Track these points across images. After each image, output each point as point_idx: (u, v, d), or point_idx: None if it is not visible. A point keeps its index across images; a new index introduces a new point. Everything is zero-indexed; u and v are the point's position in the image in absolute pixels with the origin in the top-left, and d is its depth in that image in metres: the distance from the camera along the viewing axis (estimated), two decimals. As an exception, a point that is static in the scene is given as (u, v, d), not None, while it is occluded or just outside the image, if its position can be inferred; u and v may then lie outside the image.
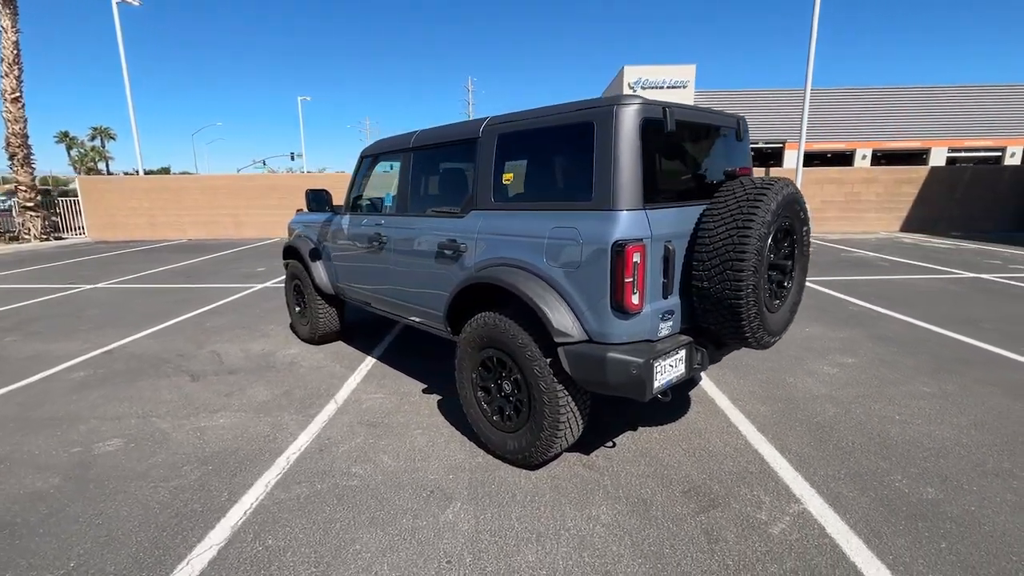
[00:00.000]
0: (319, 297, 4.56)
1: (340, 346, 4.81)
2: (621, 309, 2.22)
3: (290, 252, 4.95)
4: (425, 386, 3.83)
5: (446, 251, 3.01)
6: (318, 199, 4.17)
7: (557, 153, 2.60)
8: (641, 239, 2.20)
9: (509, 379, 2.68)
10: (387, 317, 3.94)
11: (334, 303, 4.65)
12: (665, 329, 2.40)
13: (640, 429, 3.11)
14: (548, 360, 2.42)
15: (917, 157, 27.62)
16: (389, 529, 2.25)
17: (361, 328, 5.32)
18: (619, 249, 2.16)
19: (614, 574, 1.97)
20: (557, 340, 2.33)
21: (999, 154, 27.60)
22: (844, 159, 27.74)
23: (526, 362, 2.47)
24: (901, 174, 13.92)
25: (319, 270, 4.48)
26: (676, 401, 3.43)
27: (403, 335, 5.13)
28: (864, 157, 27.55)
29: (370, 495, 2.50)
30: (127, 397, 3.72)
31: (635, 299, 2.20)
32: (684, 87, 28.05)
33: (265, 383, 3.94)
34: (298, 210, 5.35)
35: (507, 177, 2.75)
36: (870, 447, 2.86)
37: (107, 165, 53.65)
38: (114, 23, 14.75)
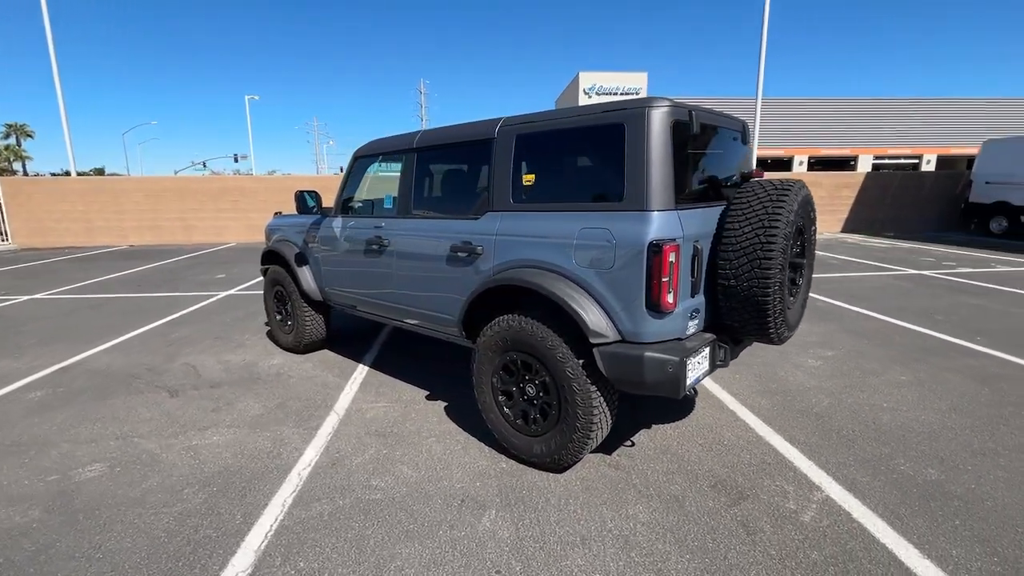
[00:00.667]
0: (305, 304, 4.35)
1: (327, 354, 4.61)
2: (656, 308, 2.25)
3: (271, 257, 4.70)
4: (427, 393, 3.73)
5: (459, 253, 2.95)
6: (308, 201, 3.98)
7: (583, 154, 2.61)
8: (675, 239, 2.23)
9: (533, 382, 2.65)
10: (380, 322, 3.82)
11: (321, 309, 4.45)
12: (692, 327, 2.45)
13: (654, 427, 3.15)
14: (580, 361, 2.41)
15: (846, 164, 29.78)
16: (427, 542, 2.16)
17: (346, 335, 5.12)
18: (656, 249, 2.18)
19: (666, 572, 1.98)
20: (593, 341, 2.33)
21: (916, 161, 30.21)
22: (783, 165, 29.49)
23: (557, 364, 2.45)
24: (841, 179, 14.93)
25: (306, 275, 4.28)
26: (681, 399, 3.51)
27: (391, 341, 4.98)
28: (801, 163, 29.40)
29: (398, 508, 2.40)
30: (99, 417, 3.40)
31: (670, 298, 2.23)
32: (637, 94, 28.96)
33: (254, 396, 3.71)
34: (276, 213, 5.09)
35: (528, 178, 2.72)
36: (868, 434, 3.03)
37: (24, 166, 49.15)
38: (40, 8, 13.53)
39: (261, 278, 8.42)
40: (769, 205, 2.33)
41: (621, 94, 28.80)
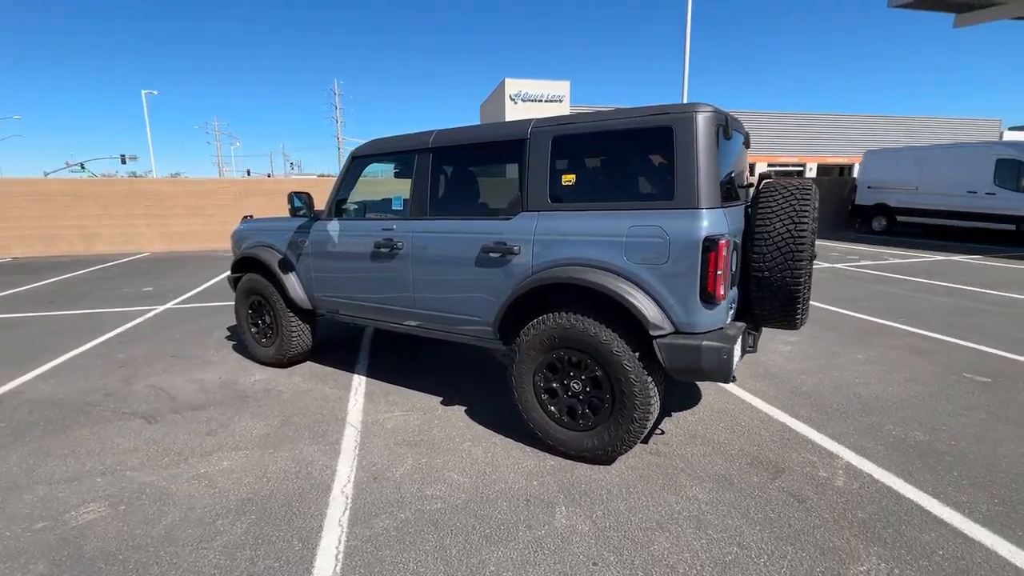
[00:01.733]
0: (292, 313, 4.07)
1: (312, 367, 4.33)
2: (710, 300, 2.40)
3: (246, 264, 4.34)
4: (441, 398, 3.64)
5: (491, 254, 2.93)
6: (303, 203, 3.73)
7: (628, 155, 2.70)
8: (724, 234, 2.40)
9: (580, 378, 2.71)
10: (380, 327, 3.67)
11: (307, 319, 4.18)
12: (729, 317, 2.64)
13: (675, 415, 3.33)
14: (636, 354, 2.51)
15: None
16: (511, 544, 2.14)
17: (325, 345, 4.83)
18: (710, 244, 2.33)
19: (745, 544, 2.12)
20: (653, 333, 2.43)
21: (801, 168, 34.08)
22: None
23: (613, 358, 2.52)
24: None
25: (293, 282, 4.00)
26: (687, 386, 3.73)
27: (377, 347, 4.78)
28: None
29: (465, 514, 2.34)
30: (67, 452, 2.95)
31: (722, 290, 2.40)
32: (560, 101, 29.92)
33: (250, 415, 3.41)
34: (245, 217, 4.69)
35: (568, 178, 2.78)
36: (854, 406, 3.42)
37: None
38: None
39: (201, 289, 7.71)
40: (796, 204, 2.57)
41: (545, 100, 29.62)
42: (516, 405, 2.91)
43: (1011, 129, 36.35)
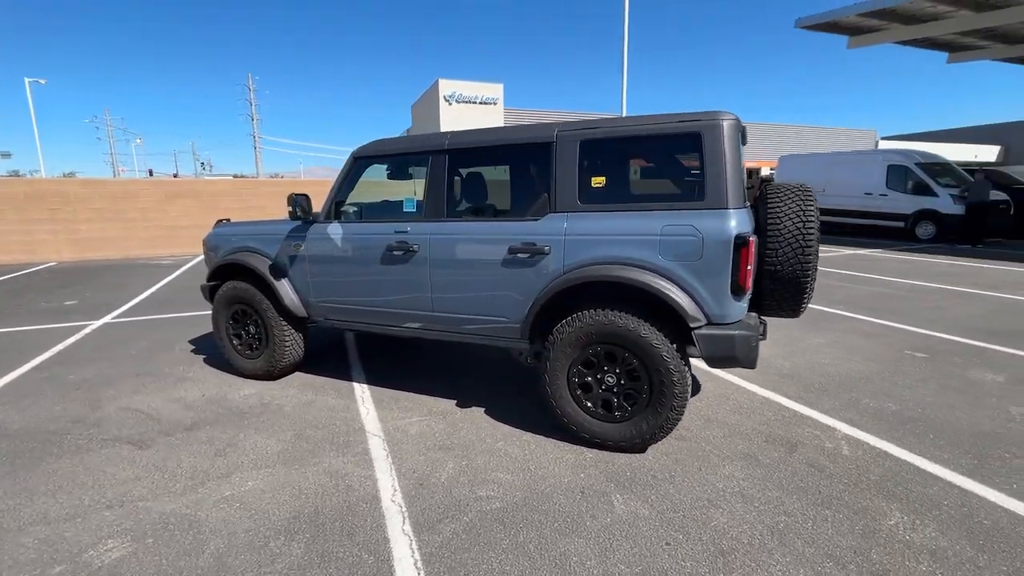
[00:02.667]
0: (284, 322, 3.85)
1: (303, 377, 4.11)
2: (739, 293, 2.62)
3: (228, 271, 4.05)
4: (455, 401, 3.62)
5: (520, 254, 2.98)
6: (302, 206, 3.54)
7: (657, 158, 2.86)
8: (750, 232, 2.62)
9: (614, 371, 2.83)
10: (386, 333, 3.59)
11: (300, 327, 3.97)
12: (747, 308, 2.88)
13: (684, 402, 3.55)
14: (674, 346, 2.67)
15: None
16: (584, 534, 2.21)
17: (307, 354, 4.59)
18: (742, 242, 2.55)
19: (790, 512, 2.34)
20: (692, 325, 2.60)
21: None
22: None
23: (653, 350, 2.66)
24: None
25: (286, 289, 3.78)
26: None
27: (366, 351, 4.63)
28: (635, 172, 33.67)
29: (528, 510, 2.38)
30: (53, 488, 2.62)
31: (750, 283, 2.62)
32: (495, 104, 30.17)
33: (255, 432, 3.20)
34: (219, 221, 4.36)
35: (598, 180, 2.89)
36: (831, 384, 3.83)
37: None
38: None
39: (138, 301, 6.99)
40: (802, 204, 2.86)
41: (480, 103, 29.74)
42: (549, 401, 2.98)
43: (883, 139, 41.57)
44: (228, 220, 4.37)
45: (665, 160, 2.87)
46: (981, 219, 11.81)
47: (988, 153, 36.91)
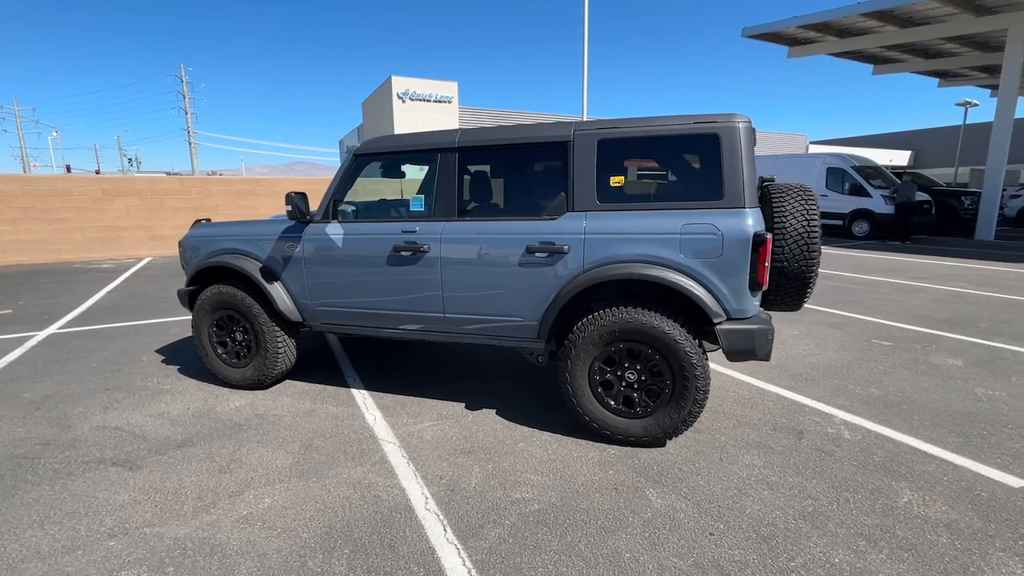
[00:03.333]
0: (277, 328, 3.64)
1: (296, 385, 3.91)
2: (756, 289, 2.72)
3: (212, 275, 3.78)
4: (463, 404, 3.56)
5: (538, 254, 2.97)
6: (301, 205, 3.35)
7: (674, 158, 2.92)
8: (766, 230, 2.74)
9: (635, 368, 2.87)
10: (389, 337, 3.48)
11: (293, 332, 3.77)
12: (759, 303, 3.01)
13: (688, 395, 3.66)
14: (696, 341, 2.74)
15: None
16: (629, 529, 2.23)
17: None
18: (760, 240, 2.65)
19: (814, 496, 2.46)
20: (715, 321, 2.68)
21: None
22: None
23: (677, 346, 2.72)
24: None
25: (280, 293, 3.58)
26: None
27: (357, 356, 4.45)
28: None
29: (567, 510, 2.37)
30: (40, 518, 2.35)
31: (767, 279, 2.73)
32: (449, 102, 29.88)
33: (258, 445, 3.00)
34: (197, 221, 4.05)
35: (616, 180, 2.92)
36: (816, 373, 4.07)
37: None
38: None
39: (85, 309, 6.41)
40: (805, 204, 3.01)
41: (434, 100, 29.37)
42: (570, 400, 2.98)
43: (812, 143, 44.52)
44: (208, 220, 4.07)
45: (683, 160, 2.93)
46: (908, 218, 12.92)
47: (901, 157, 40.43)
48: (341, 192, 3.52)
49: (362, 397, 3.69)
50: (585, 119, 15.17)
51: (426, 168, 4.55)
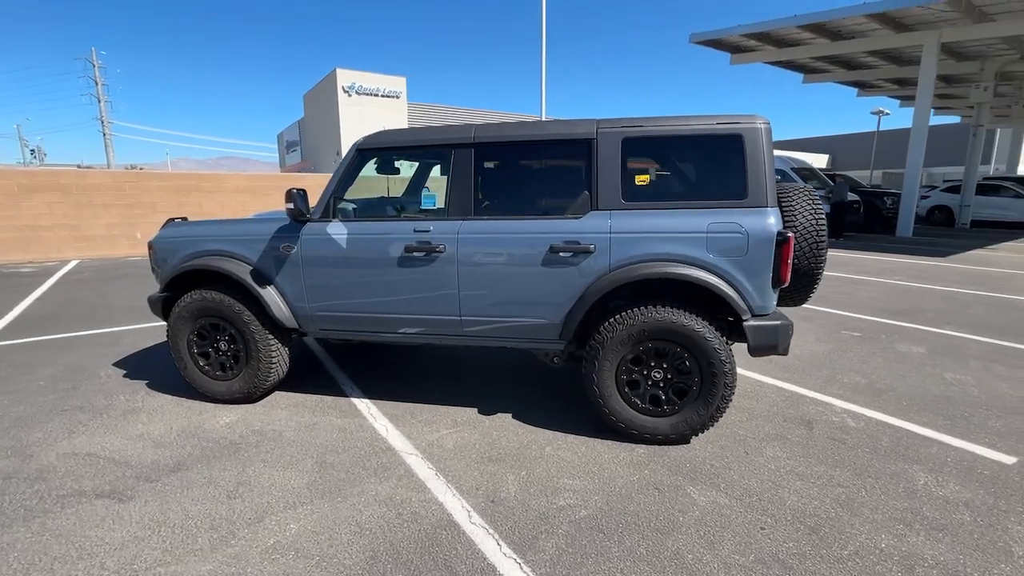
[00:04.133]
0: (271, 336, 3.36)
1: (287, 396, 3.63)
2: (778, 286, 2.80)
3: (194, 279, 3.43)
4: (475, 409, 3.44)
5: (562, 253, 2.91)
6: (301, 201, 3.09)
7: (698, 158, 2.93)
8: (788, 229, 2.82)
9: (661, 366, 2.88)
10: (395, 343, 3.31)
11: (286, 341, 3.49)
12: None
13: (695, 391, 3.73)
14: (724, 338, 2.78)
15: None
16: (684, 530, 2.22)
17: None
18: (783, 238, 2.73)
19: (842, 484, 2.57)
20: (744, 318, 2.73)
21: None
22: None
23: (706, 344, 2.75)
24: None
25: (274, 298, 3.30)
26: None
27: (348, 362, 4.21)
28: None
29: (618, 513, 2.33)
30: (26, 565, 2.02)
31: (788, 276, 2.82)
32: (397, 97, 29.15)
33: (264, 464, 2.75)
34: (171, 220, 3.66)
35: (642, 178, 2.90)
36: (804, 364, 4.28)
37: None
38: None
39: (11, 320, 5.65)
40: (812, 203, 3.13)
41: (382, 95, 28.55)
42: (597, 400, 2.94)
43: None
44: (184, 219, 3.69)
45: (706, 159, 2.96)
46: (842, 216, 13.96)
47: (820, 161, 43.78)
48: (342, 189, 3.30)
49: (365, 406, 3.48)
50: (544, 119, 15.16)
51: (415, 165, 4.40)
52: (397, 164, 3.94)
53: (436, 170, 4.29)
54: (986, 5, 12.40)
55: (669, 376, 2.90)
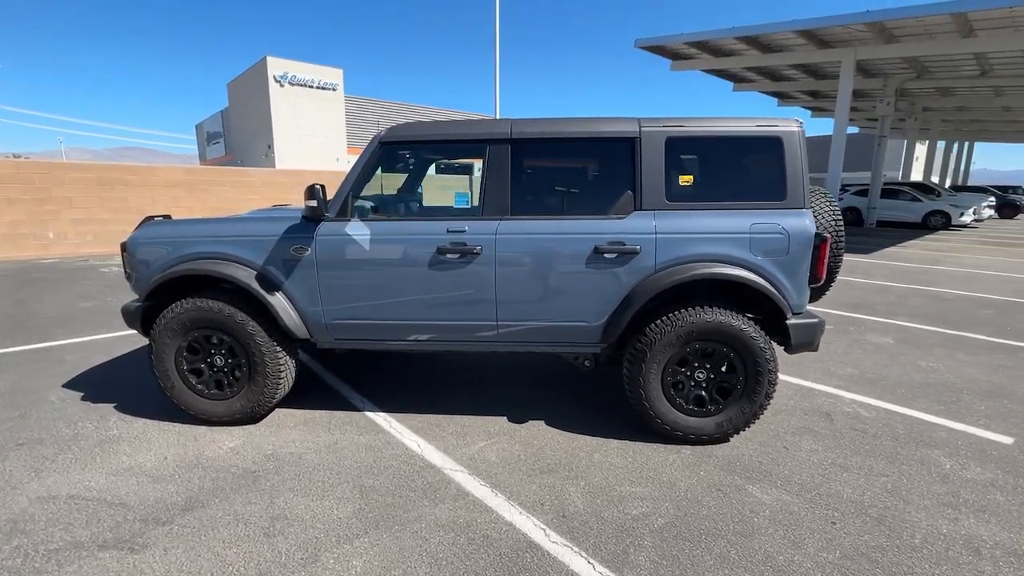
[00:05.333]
0: (279, 348, 3.01)
1: (289, 414, 3.28)
2: (815, 283, 2.90)
3: (178, 285, 2.99)
4: (505, 417, 3.29)
5: (607, 255, 2.83)
6: (316, 198, 2.78)
7: (737, 159, 2.95)
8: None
9: (704, 367, 2.89)
10: (425, 351, 3.09)
11: (293, 352, 3.15)
12: None
13: (712, 388, 3.80)
14: (767, 336, 2.83)
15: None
16: (766, 530, 2.22)
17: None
18: (820, 238, 2.82)
19: (882, 472, 2.69)
20: (788, 316, 2.79)
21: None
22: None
23: (751, 343, 2.79)
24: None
25: (284, 305, 2.96)
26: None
27: (348, 371, 3.88)
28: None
29: (693, 519, 2.29)
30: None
31: (824, 275, 2.92)
32: (334, 89, 27.83)
33: (294, 494, 2.45)
34: (149, 218, 3.17)
35: (685, 178, 2.88)
36: (797, 357, 4.48)
37: None
38: None
39: None
40: (830, 205, 3.27)
41: (317, 87, 27.13)
42: (642, 404, 2.90)
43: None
44: (167, 216, 3.22)
45: (745, 160, 2.99)
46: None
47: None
48: (359, 186, 3.02)
49: (384, 420, 3.22)
50: (498, 117, 15.05)
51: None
52: (416, 162, 3.70)
53: (433, 169, 4.07)
54: (894, 28, 13.83)
55: (712, 376, 2.91)
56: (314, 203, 2.76)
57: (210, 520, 2.26)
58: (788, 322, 2.83)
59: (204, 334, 3.00)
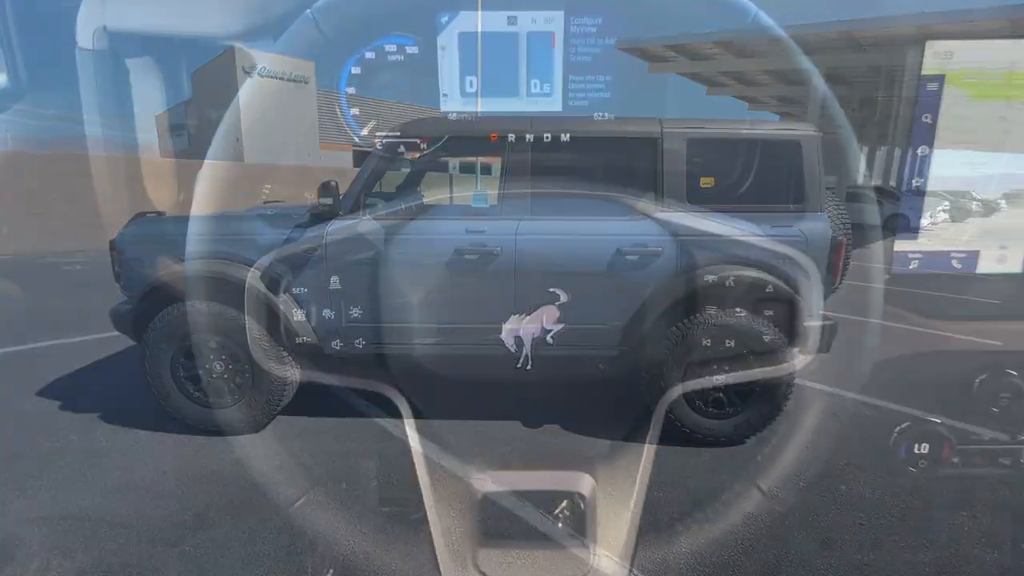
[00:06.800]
0: (284, 353, 2.86)
1: (288, 422, 3.12)
2: (830, 287, 2.93)
3: (176, 288, 2.80)
4: (517, 422, 3.21)
5: (629, 256, 2.80)
6: (332, 195, 2.64)
7: (756, 162, 2.94)
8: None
9: (723, 369, 2.89)
10: (434, 356, 3.00)
11: (299, 359, 3.00)
12: None
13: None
14: (784, 339, 2.85)
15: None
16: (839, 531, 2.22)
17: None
18: (838, 243, 2.86)
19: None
20: (806, 319, 2.81)
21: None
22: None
23: (770, 344, 2.80)
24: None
25: (291, 307, 2.81)
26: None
27: (355, 378, 3.71)
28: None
29: (751, 523, 2.26)
30: None
31: (840, 277, 2.96)
32: (306, 83, 27.01)
33: (309, 508, 2.31)
34: (140, 214, 2.95)
35: (706, 180, 2.87)
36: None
37: None
38: None
39: None
40: (838, 208, 3.32)
41: (289, 80, 26.30)
42: (661, 407, 2.88)
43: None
44: (160, 213, 3.00)
45: (764, 164, 2.99)
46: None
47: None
48: (372, 182, 2.89)
49: (392, 426, 3.09)
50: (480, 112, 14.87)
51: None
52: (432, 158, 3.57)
53: (449, 166, 3.96)
54: (862, 37, 14.38)
55: (729, 378, 2.91)
56: (329, 200, 2.62)
57: (224, 539, 2.11)
58: (807, 325, 2.85)
59: (203, 339, 2.82)
